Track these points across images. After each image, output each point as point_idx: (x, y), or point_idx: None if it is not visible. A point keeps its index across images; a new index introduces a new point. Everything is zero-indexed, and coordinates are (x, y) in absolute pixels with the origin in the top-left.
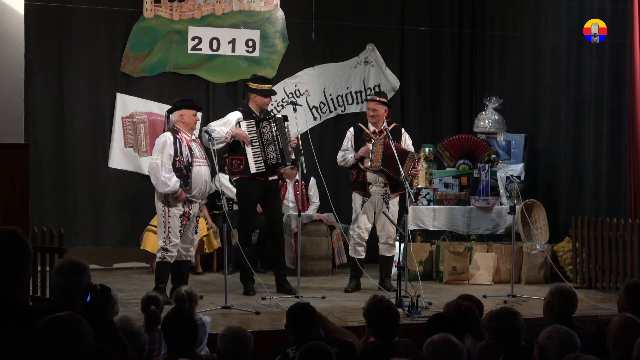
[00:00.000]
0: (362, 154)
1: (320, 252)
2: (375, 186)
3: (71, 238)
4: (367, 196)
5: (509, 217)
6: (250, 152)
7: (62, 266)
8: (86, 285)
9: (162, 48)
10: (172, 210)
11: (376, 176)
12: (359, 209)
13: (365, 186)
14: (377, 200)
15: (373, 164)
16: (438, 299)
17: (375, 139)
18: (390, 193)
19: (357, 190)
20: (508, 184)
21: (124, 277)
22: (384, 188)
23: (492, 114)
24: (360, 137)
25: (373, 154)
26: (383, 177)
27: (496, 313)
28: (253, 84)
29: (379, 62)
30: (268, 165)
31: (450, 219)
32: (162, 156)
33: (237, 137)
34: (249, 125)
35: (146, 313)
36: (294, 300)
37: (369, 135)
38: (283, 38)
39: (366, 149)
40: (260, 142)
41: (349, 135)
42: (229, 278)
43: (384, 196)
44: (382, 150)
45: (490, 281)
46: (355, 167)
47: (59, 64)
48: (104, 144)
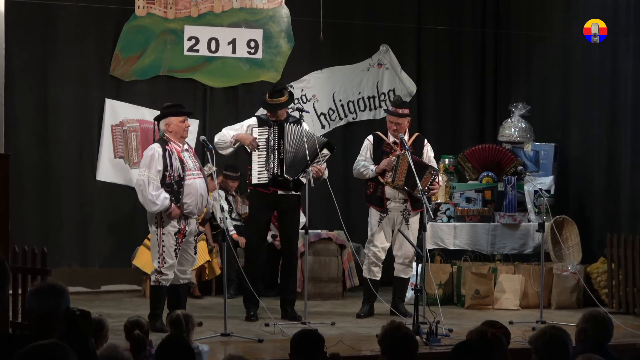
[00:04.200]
0: (384, 167)
1: (329, 274)
2: (395, 202)
3: (55, 258)
4: (385, 212)
5: (537, 235)
6: (255, 161)
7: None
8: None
9: (156, 49)
10: (166, 229)
11: (396, 192)
12: (376, 226)
13: (383, 202)
14: (396, 217)
15: (396, 181)
16: (459, 326)
17: (400, 153)
18: (411, 210)
19: (374, 205)
20: (536, 198)
21: (114, 301)
22: (403, 204)
23: (519, 122)
24: (380, 147)
25: (397, 170)
26: (404, 193)
27: (544, 336)
28: (269, 99)
29: (394, 64)
30: (270, 176)
31: (472, 237)
32: (149, 172)
33: (242, 142)
34: (260, 131)
35: (131, 339)
36: (301, 326)
37: (390, 146)
38: (288, 38)
39: (389, 162)
40: (266, 151)
41: (367, 145)
42: (229, 302)
43: (403, 213)
44: (407, 167)
45: (517, 306)
46: (373, 179)
47: (42, 66)
48: (92, 154)
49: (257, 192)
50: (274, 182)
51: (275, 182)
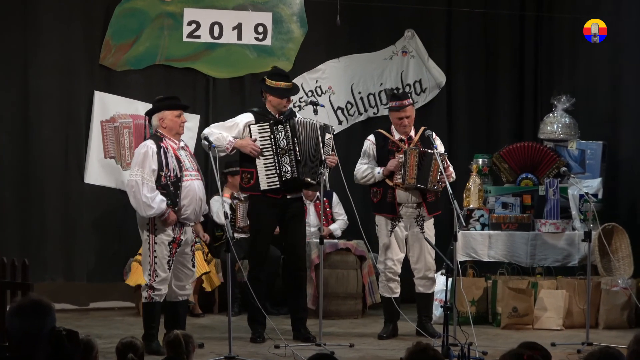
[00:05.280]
0: (392, 168)
1: (347, 289)
2: (407, 207)
3: (38, 271)
4: (397, 220)
5: (583, 246)
6: (261, 164)
7: (21, 306)
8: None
9: (151, 35)
10: (158, 237)
11: (408, 195)
12: (388, 236)
13: (395, 208)
14: (410, 224)
15: (407, 180)
16: (495, 348)
17: (407, 149)
18: (426, 214)
19: (384, 213)
20: (582, 203)
21: (104, 319)
22: (417, 209)
23: (562, 117)
24: (385, 147)
25: (406, 167)
26: (417, 196)
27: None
28: (269, 80)
29: (421, 52)
30: (283, 180)
31: (509, 248)
32: (142, 171)
33: (242, 149)
34: (261, 130)
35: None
36: (315, 349)
37: (397, 144)
38: (301, 22)
39: (397, 162)
40: (274, 152)
41: (369, 146)
42: (234, 321)
43: (417, 219)
44: (417, 162)
45: (560, 325)
46: (379, 184)
47: (22, 56)
48: (79, 154)
49: (262, 198)
50: (287, 187)
51: (288, 186)
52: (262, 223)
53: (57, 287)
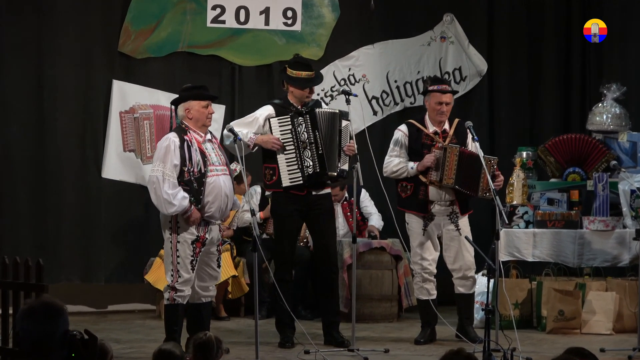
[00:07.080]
0: (428, 164)
1: (382, 291)
2: (440, 205)
3: (53, 271)
4: (430, 219)
5: (634, 245)
6: (282, 160)
7: (32, 308)
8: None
9: (173, 20)
10: (181, 236)
11: (441, 192)
12: (421, 234)
13: (427, 206)
14: (443, 222)
15: (444, 180)
16: (539, 354)
17: (447, 145)
18: (459, 213)
19: (415, 211)
20: (633, 199)
21: (123, 323)
22: (450, 206)
23: (612, 107)
24: (419, 139)
25: (445, 166)
26: (450, 194)
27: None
28: (290, 69)
29: (460, 38)
30: (305, 175)
31: (555, 247)
32: (164, 166)
33: (264, 145)
34: (281, 123)
35: None
36: (348, 355)
37: (431, 137)
38: (333, 7)
39: (434, 158)
40: (295, 146)
41: (400, 137)
42: (261, 325)
43: (450, 216)
44: (457, 162)
45: (609, 330)
46: (411, 179)
47: (37, 43)
48: (96, 147)
49: (285, 195)
50: (310, 182)
51: (312, 181)
52: (286, 221)
53: (73, 288)
